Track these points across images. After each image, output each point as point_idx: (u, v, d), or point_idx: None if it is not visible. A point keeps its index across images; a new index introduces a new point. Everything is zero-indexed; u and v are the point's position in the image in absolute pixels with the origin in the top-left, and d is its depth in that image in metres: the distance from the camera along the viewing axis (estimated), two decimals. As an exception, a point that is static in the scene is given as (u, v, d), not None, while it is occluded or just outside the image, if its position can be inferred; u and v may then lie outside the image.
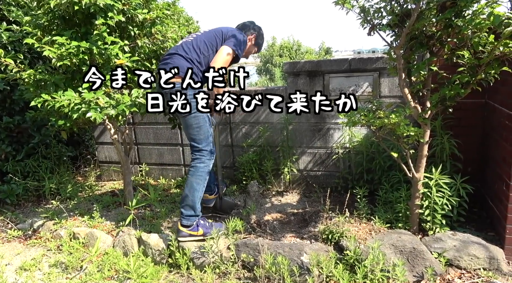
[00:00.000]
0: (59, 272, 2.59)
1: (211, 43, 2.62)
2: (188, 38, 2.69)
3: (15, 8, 3.44)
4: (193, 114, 2.50)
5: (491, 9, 1.92)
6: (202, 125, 2.55)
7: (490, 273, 2.20)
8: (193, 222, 2.56)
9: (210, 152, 2.61)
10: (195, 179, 2.57)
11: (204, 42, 2.61)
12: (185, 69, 2.45)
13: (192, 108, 2.46)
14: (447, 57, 2.26)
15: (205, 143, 2.58)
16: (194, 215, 2.57)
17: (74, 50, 2.56)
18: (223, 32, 2.67)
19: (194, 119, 2.52)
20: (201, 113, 2.52)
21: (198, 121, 2.52)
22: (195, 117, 2.51)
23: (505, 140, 2.34)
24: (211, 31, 2.70)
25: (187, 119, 2.54)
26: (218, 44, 2.63)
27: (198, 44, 2.59)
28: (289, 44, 17.04)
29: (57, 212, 3.34)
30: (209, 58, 2.60)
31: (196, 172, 2.58)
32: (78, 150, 4.59)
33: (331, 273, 2.20)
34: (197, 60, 2.56)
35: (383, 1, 2.19)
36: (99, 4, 2.54)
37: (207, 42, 2.61)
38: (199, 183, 2.58)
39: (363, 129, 3.33)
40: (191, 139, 2.62)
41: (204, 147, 2.58)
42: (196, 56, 2.56)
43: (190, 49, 2.57)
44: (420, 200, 2.47)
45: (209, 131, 2.59)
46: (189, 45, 2.59)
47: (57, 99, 2.56)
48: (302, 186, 3.65)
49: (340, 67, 3.30)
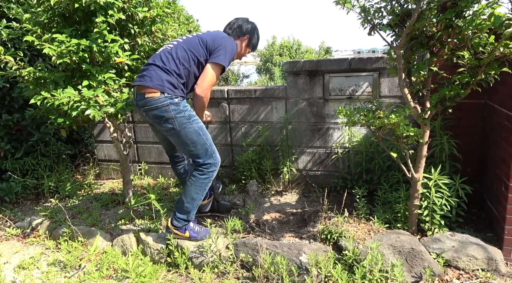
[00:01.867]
0: (57, 271, 2.59)
1: (192, 53, 2.36)
2: (168, 45, 2.45)
3: (15, 5, 3.44)
4: (180, 129, 2.31)
5: (491, 9, 1.92)
6: (196, 139, 2.33)
7: (488, 274, 2.21)
8: (183, 225, 2.52)
9: (213, 164, 2.41)
10: (194, 189, 2.43)
11: (185, 51, 2.36)
12: (163, 82, 2.27)
13: (178, 124, 2.29)
14: (447, 58, 2.26)
15: (205, 156, 2.38)
16: (186, 220, 2.51)
17: (74, 48, 2.56)
18: (208, 42, 2.39)
19: (184, 135, 2.32)
20: (190, 126, 2.32)
21: (189, 136, 2.33)
22: (185, 132, 2.32)
23: (505, 141, 2.34)
24: (194, 38, 2.43)
25: (176, 137, 2.36)
26: (201, 54, 2.37)
27: (178, 54, 2.35)
28: (289, 44, 17.02)
29: (56, 210, 3.34)
30: (189, 70, 2.37)
31: (196, 182, 2.42)
32: (78, 148, 4.58)
33: (330, 273, 2.20)
34: (175, 72, 2.32)
35: (384, 1, 2.18)
36: (99, 2, 2.54)
37: (188, 51, 2.36)
38: (198, 192, 2.44)
39: (362, 129, 3.34)
40: (189, 155, 2.44)
41: (205, 161, 2.38)
42: (175, 67, 2.32)
43: (169, 59, 2.33)
44: (419, 200, 2.47)
45: (206, 143, 2.37)
46: (168, 55, 2.35)
47: (56, 97, 2.56)
48: (301, 186, 3.65)
49: (340, 67, 3.30)
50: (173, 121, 2.29)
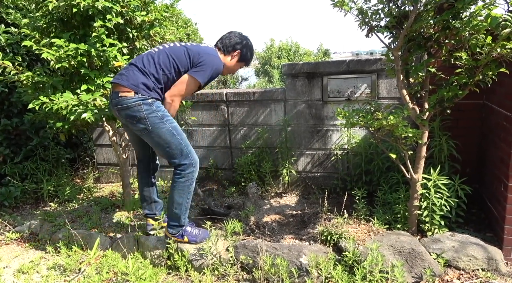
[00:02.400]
0: (57, 275, 2.58)
1: (175, 61, 2.33)
2: (153, 49, 2.42)
3: (14, 10, 3.44)
4: (153, 129, 2.28)
5: (488, 11, 1.93)
6: (170, 139, 2.30)
7: (488, 274, 2.21)
8: (179, 231, 2.51)
9: (190, 165, 2.37)
10: (178, 193, 2.40)
11: (167, 57, 2.33)
12: (138, 83, 2.26)
13: (150, 124, 2.26)
14: (445, 59, 2.27)
15: (181, 156, 2.35)
16: (179, 225, 2.50)
17: (72, 52, 2.56)
18: (194, 54, 2.35)
19: (158, 135, 2.29)
20: (163, 126, 2.28)
21: (162, 136, 2.29)
22: (158, 132, 2.28)
23: (503, 141, 2.34)
24: (181, 47, 2.39)
25: (149, 137, 2.32)
26: (183, 64, 2.34)
27: (160, 59, 2.32)
28: (288, 46, 17.07)
29: (56, 214, 3.33)
30: (168, 77, 2.33)
31: (178, 186, 2.39)
32: (77, 152, 4.58)
33: (330, 274, 2.20)
34: (154, 76, 2.29)
35: (381, 3, 2.20)
36: (97, 6, 2.55)
37: (171, 58, 2.33)
38: (182, 196, 2.41)
39: (361, 131, 3.34)
40: (165, 157, 2.39)
41: (181, 161, 2.35)
42: (154, 71, 2.29)
43: (150, 62, 2.31)
44: (418, 201, 2.47)
45: (181, 143, 2.33)
46: (150, 58, 2.32)
47: (55, 102, 2.56)
48: (300, 187, 3.65)
49: (339, 68, 3.31)
50: (146, 121, 2.26)
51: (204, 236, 2.55)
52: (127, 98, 2.25)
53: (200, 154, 3.95)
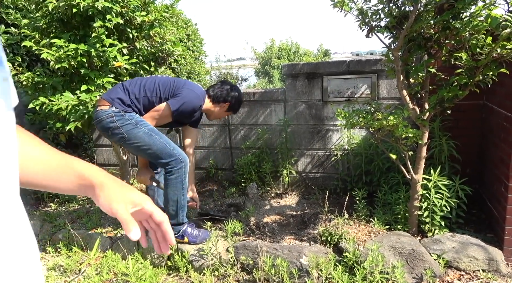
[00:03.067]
0: (57, 275, 2.58)
1: (159, 87, 2.43)
2: (147, 76, 2.57)
3: (14, 10, 3.44)
4: (130, 136, 2.32)
5: (488, 11, 1.93)
6: (148, 140, 2.34)
7: (489, 275, 2.20)
8: (178, 231, 2.51)
9: (177, 161, 2.40)
10: (171, 191, 2.44)
11: (154, 84, 2.44)
12: (115, 97, 2.33)
13: (125, 131, 2.31)
14: (445, 59, 2.27)
15: (165, 154, 2.38)
16: (177, 223, 2.50)
17: (72, 52, 2.56)
18: (178, 86, 2.45)
19: (135, 139, 2.33)
20: (139, 130, 2.32)
21: (140, 139, 2.33)
22: (135, 137, 2.32)
23: (503, 141, 2.34)
24: (171, 79, 2.52)
25: (129, 145, 2.37)
26: (166, 92, 2.44)
27: (147, 83, 2.44)
28: (288, 46, 17.05)
29: (56, 214, 3.33)
30: (149, 100, 2.41)
31: (170, 184, 2.43)
32: (77, 152, 4.57)
33: (330, 275, 2.19)
34: (135, 95, 2.39)
35: (381, 3, 2.19)
36: (97, 6, 2.55)
37: (157, 85, 2.44)
38: (176, 193, 2.45)
39: (361, 131, 3.34)
40: (151, 159, 2.47)
41: (167, 159, 2.39)
42: (137, 91, 2.40)
43: (136, 84, 2.43)
44: (419, 202, 2.47)
45: (162, 142, 2.37)
46: (138, 81, 2.45)
47: (55, 102, 2.56)
48: (301, 188, 3.65)
49: (339, 69, 3.31)
50: (120, 130, 2.31)
51: (204, 236, 2.55)
52: (102, 111, 2.32)
53: (200, 154, 3.95)
